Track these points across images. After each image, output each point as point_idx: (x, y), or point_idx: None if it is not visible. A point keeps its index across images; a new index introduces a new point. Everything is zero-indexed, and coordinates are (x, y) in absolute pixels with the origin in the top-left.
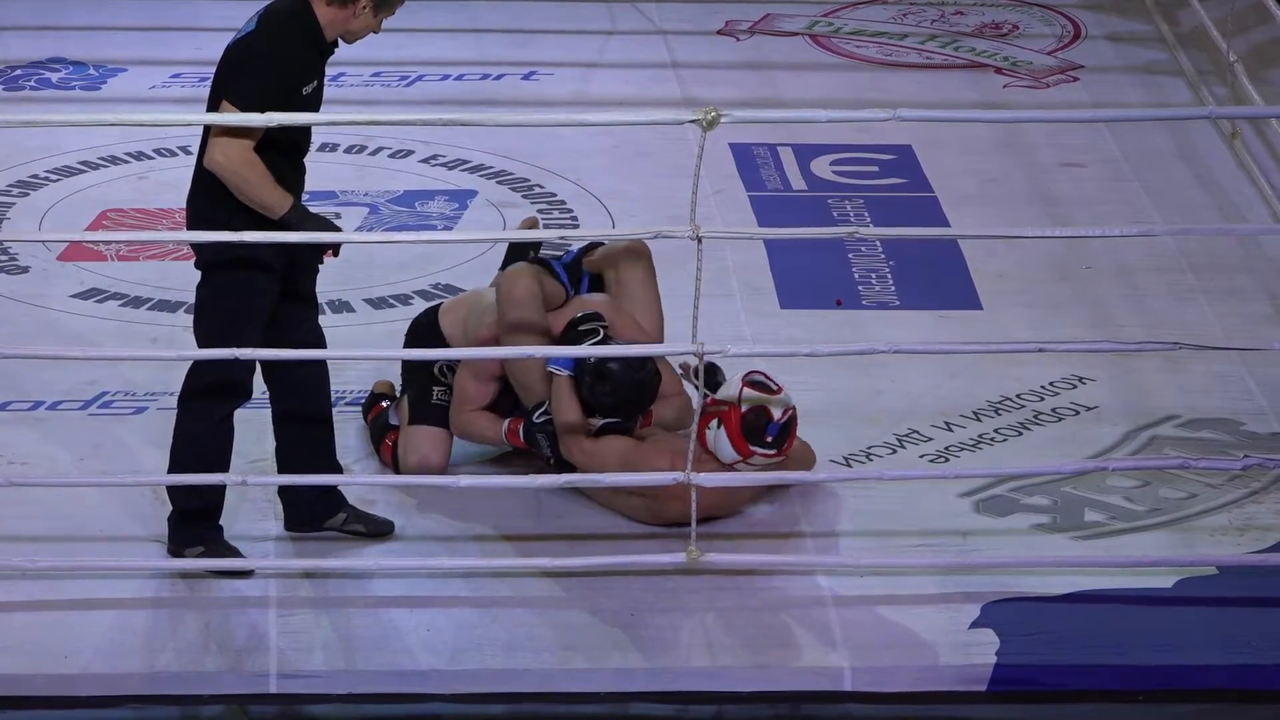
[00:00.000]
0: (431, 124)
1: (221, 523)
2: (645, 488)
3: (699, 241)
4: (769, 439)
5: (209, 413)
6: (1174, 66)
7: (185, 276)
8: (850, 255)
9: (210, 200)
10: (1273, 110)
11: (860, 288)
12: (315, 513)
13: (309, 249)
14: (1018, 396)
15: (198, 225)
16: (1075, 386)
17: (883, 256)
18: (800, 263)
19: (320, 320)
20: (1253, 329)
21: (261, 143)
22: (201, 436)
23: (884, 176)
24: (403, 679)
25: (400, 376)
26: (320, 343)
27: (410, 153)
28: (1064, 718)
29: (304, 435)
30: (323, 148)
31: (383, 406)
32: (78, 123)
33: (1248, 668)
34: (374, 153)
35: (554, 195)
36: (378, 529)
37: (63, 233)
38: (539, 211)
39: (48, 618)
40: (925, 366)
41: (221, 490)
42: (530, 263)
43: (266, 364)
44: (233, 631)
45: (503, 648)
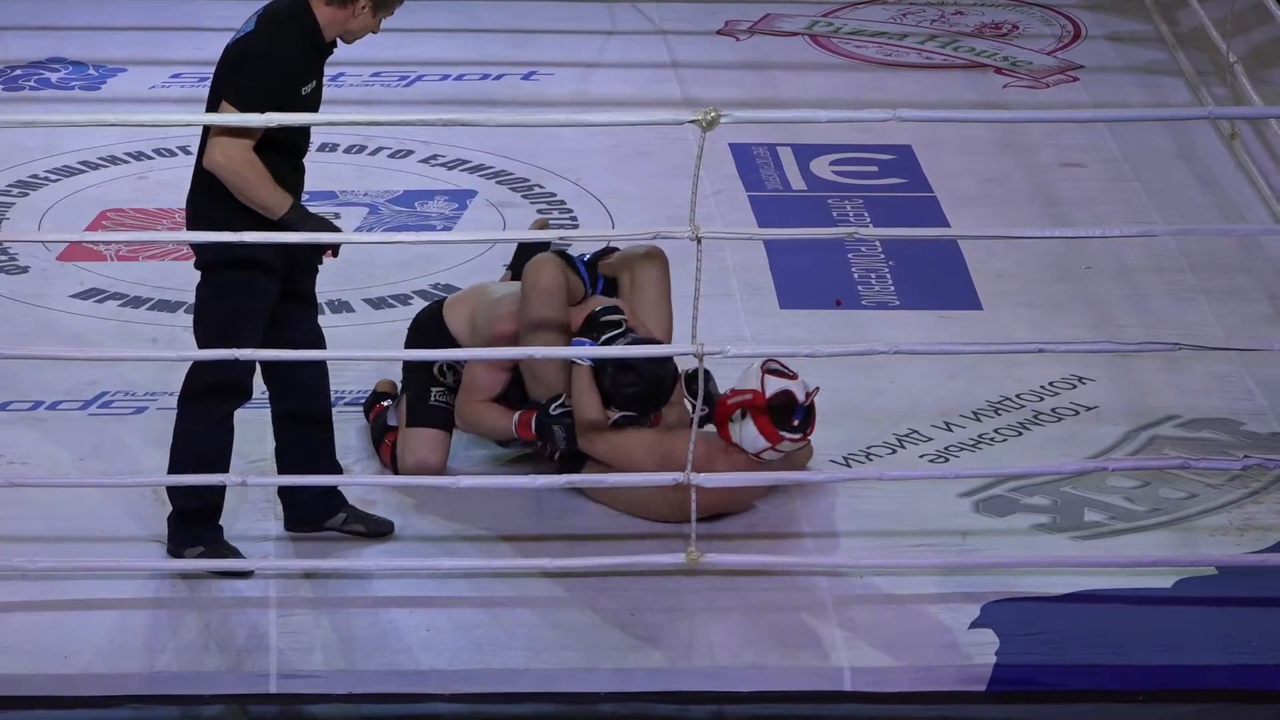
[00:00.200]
0: (431, 124)
1: (221, 523)
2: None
3: (699, 242)
4: (795, 422)
5: (209, 413)
6: (1174, 66)
7: (185, 276)
8: (850, 255)
9: (210, 200)
10: (1272, 110)
11: (860, 288)
12: (315, 513)
13: (308, 249)
14: (1018, 396)
15: (197, 225)
16: (1075, 386)
17: (882, 256)
18: (800, 263)
19: (320, 320)
20: (1253, 329)
21: (261, 143)
22: (201, 437)
23: (884, 176)
24: (403, 679)
25: (401, 376)
26: (320, 343)
27: (410, 153)
28: (1064, 718)
29: (304, 435)
30: (323, 148)
31: (384, 406)
32: (78, 123)
33: (1248, 668)
34: (374, 153)
35: (554, 195)
36: (378, 529)
37: (63, 233)
38: (539, 211)
39: (48, 618)
40: (925, 366)
41: (221, 490)
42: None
43: (266, 364)
44: (233, 631)
45: (503, 648)
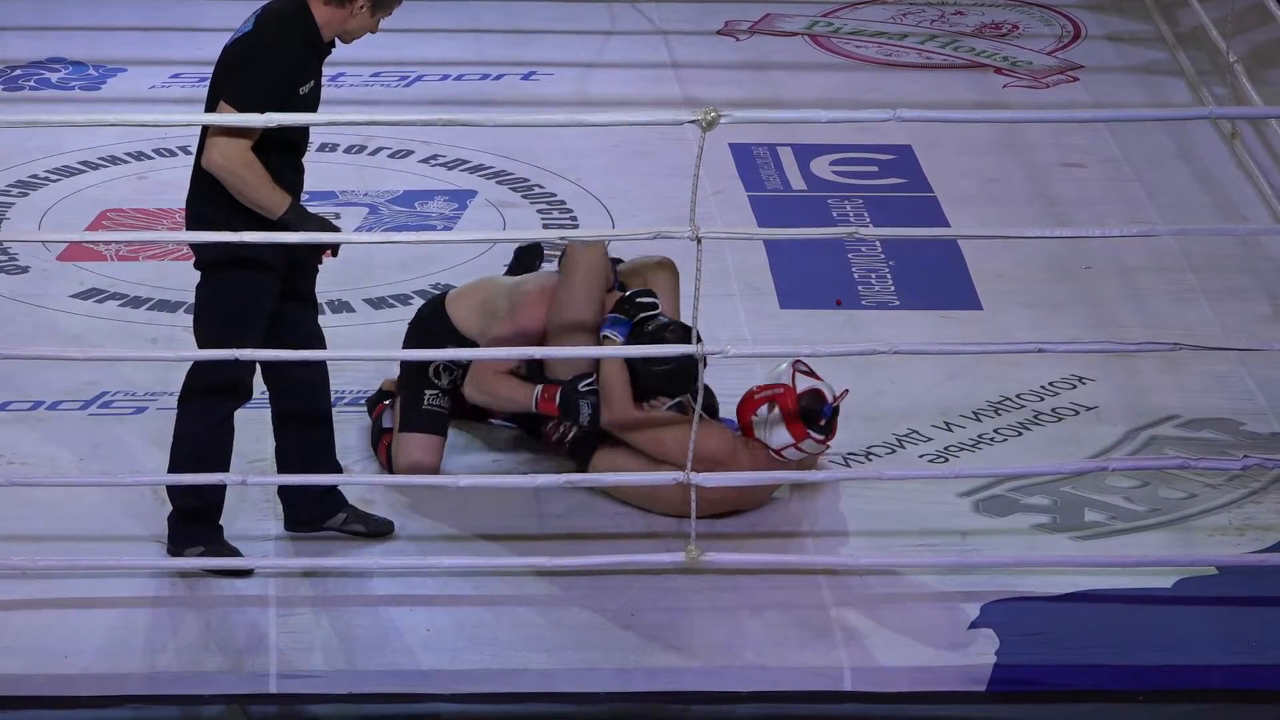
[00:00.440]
0: (431, 124)
1: (221, 523)
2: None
3: (699, 242)
4: (822, 422)
5: (209, 413)
6: (1174, 66)
7: (185, 276)
8: (850, 255)
9: (209, 200)
10: (1272, 110)
11: (860, 288)
12: (315, 513)
13: (308, 249)
14: (1018, 396)
15: (197, 225)
16: (1075, 386)
17: (882, 256)
18: (800, 263)
19: (320, 320)
20: (1253, 329)
21: (259, 143)
22: (202, 437)
23: (884, 176)
24: (403, 679)
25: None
26: (320, 343)
27: (410, 153)
28: (1064, 718)
29: (304, 435)
30: (323, 148)
31: (386, 405)
32: (78, 123)
33: (1248, 668)
34: (374, 153)
35: (554, 195)
36: (378, 529)
37: (63, 233)
38: (538, 211)
39: (48, 618)
40: (925, 366)
41: (222, 490)
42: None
43: (266, 364)
44: (233, 631)
45: (503, 648)
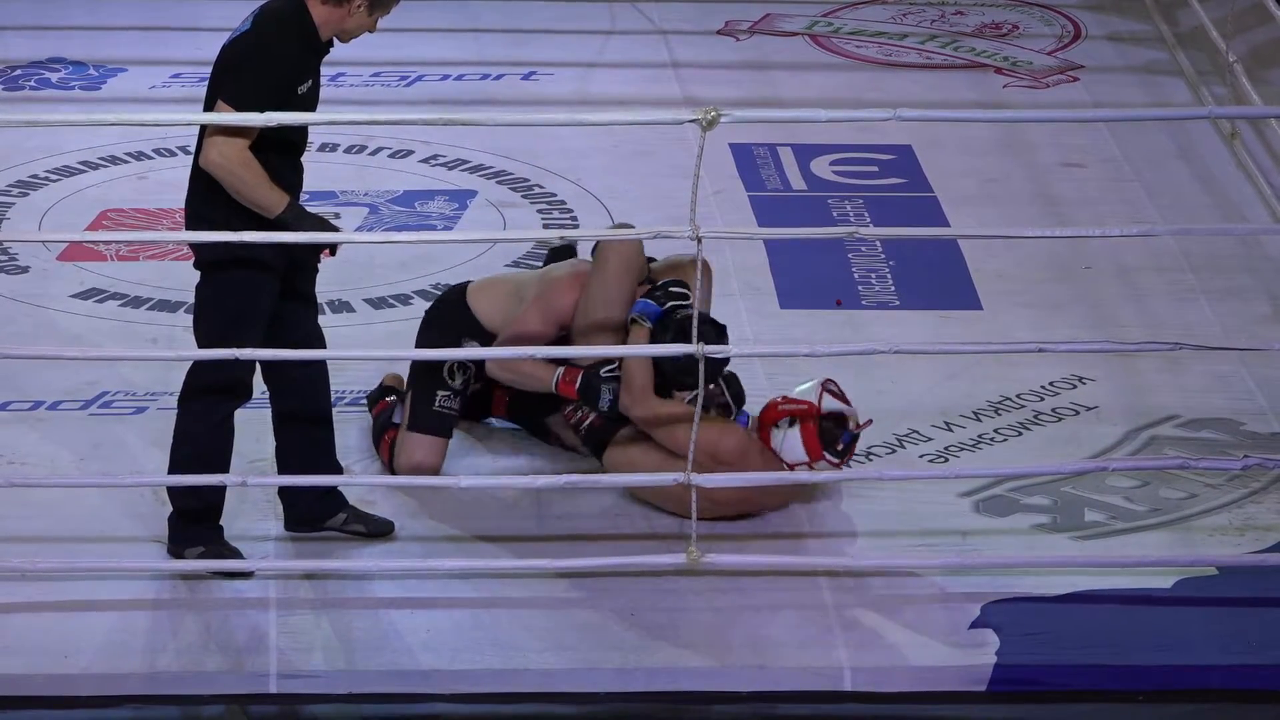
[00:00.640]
0: (431, 124)
1: (221, 523)
2: (714, 464)
3: (699, 241)
4: (839, 447)
5: (209, 413)
6: (1174, 66)
7: (185, 276)
8: (850, 255)
9: (208, 200)
10: (1272, 110)
11: (860, 288)
12: (315, 513)
13: (307, 248)
14: (1018, 396)
15: (196, 225)
16: (1075, 386)
17: (883, 256)
18: (800, 263)
19: (320, 320)
20: (1253, 329)
21: (258, 142)
22: (202, 437)
23: (884, 176)
24: (403, 679)
25: (408, 371)
26: (320, 343)
27: (410, 153)
28: (1064, 718)
29: (304, 435)
30: (323, 148)
31: (388, 401)
32: (78, 123)
33: (1247, 668)
34: (374, 153)
35: (554, 195)
36: (378, 529)
37: (63, 233)
38: (538, 211)
39: (48, 618)
40: (925, 366)
41: (222, 491)
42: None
43: (266, 364)
44: (233, 632)
45: (503, 648)
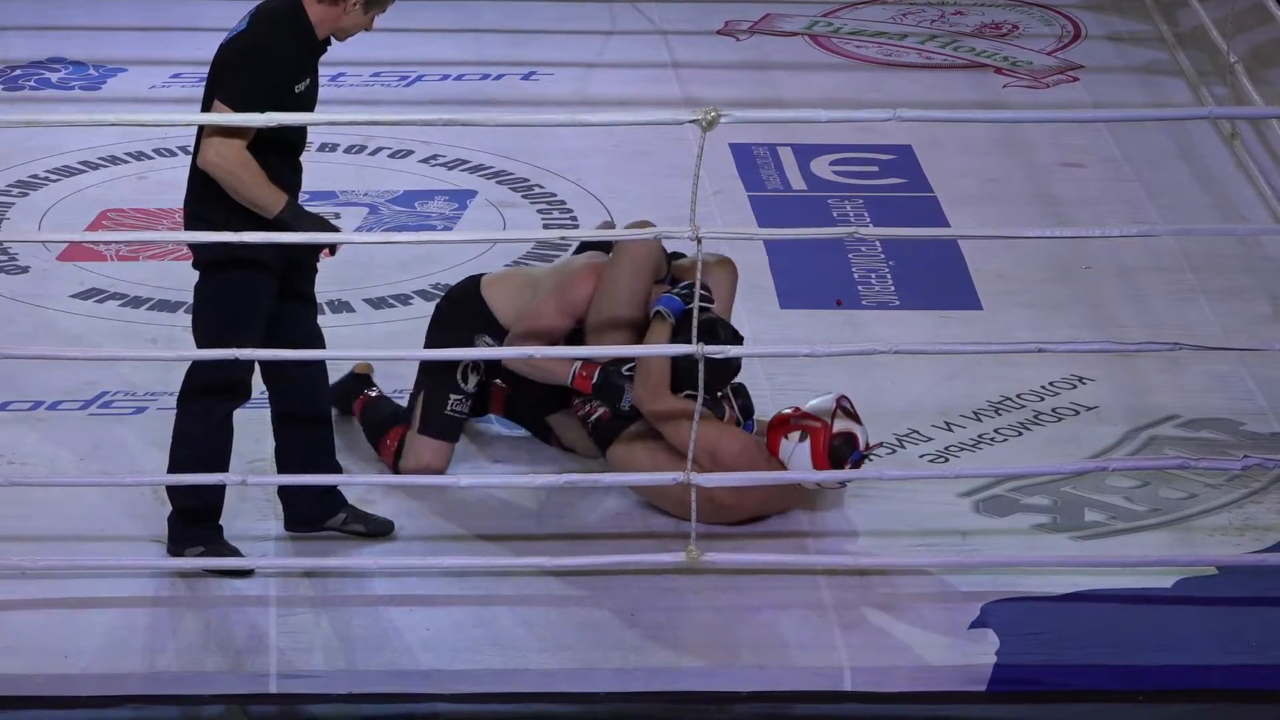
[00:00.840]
0: (431, 124)
1: (221, 522)
2: (715, 466)
3: (699, 242)
4: (847, 466)
5: (209, 413)
6: (1174, 66)
7: (185, 276)
8: (850, 255)
9: (207, 200)
10: (1273, 110)
11: (860, 288)
12: (315, 513)
13: (306, 249)
14: (1018, 396)
15: (195, 225)
16: (1075, 386)
17: (883, 256)
18: (800, 263)
19: (320, 320)
20: (1253, 329)
21: (256, 142)
22: (201, 436)
23: (884, 176)
24: (403, 679)
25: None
26: (319, 343)
27: (410, 153)
28: (1064, 718)
29: (304, 435)
30: (322, 148)
31: (369, 395)
32: (78, 123)
33: (1248, 668)
34: (374, 153)
35: (554, 195)
36: (378, 529)
37: (63, 233)
38: (539, 211)
39: (48, 618)
40: (925, 366)
41: (221, 490)
42: None
43: (266, 364)
44: (233, 631)
45: (503, 648)
